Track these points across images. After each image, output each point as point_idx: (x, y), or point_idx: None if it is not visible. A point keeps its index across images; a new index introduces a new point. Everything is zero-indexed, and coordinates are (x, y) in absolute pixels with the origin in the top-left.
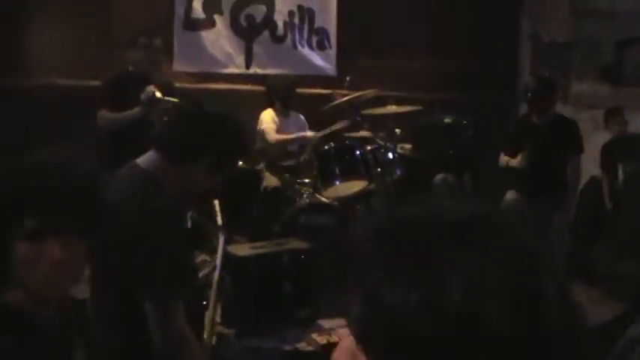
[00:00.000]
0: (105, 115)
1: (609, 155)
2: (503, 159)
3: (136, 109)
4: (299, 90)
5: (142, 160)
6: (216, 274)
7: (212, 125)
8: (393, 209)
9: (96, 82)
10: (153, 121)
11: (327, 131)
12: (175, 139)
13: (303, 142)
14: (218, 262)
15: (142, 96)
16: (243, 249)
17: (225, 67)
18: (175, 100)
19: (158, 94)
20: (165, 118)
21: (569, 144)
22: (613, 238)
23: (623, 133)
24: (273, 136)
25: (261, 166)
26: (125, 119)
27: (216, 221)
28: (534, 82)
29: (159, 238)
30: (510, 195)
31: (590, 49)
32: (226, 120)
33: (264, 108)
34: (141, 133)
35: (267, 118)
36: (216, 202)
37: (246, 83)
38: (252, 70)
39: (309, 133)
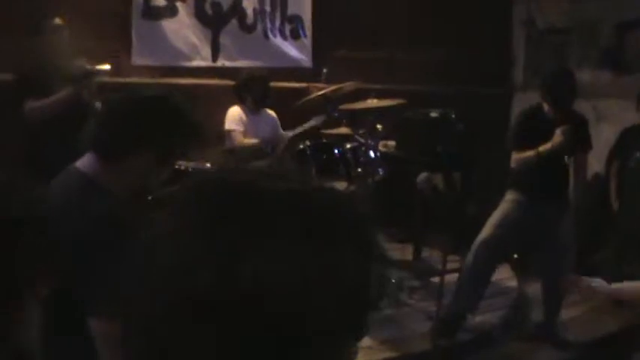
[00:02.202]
0: (32, 105)
1: (626, 143)
2: (519, 156)
3: (67, 90)
4: (272, 84)
5: (82, 163)
6: None
7: (146, 108)
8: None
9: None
10: (88, 103)
11: (300, 130)
12: (109, 134)
13: (275, 141)
14: None
15: (74, 71)
16: None
17: (190, 59)
18: (106, 67)
19: (90, 67)
20: (98, 118)
21: (579, 140)
22: (617, 239)
23: None
24: (239, 140)
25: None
26: (58, 102)
27: None
28: (557, 75)
29: (103, 252)
30: (511, 195)
31: (589, 34)
32: (163, 99)
33: (232, 104)
34: (76, 119)
35: (233, 117)
36: None
37: (213, 77)
38: (219, 63)
39: (281, 133)
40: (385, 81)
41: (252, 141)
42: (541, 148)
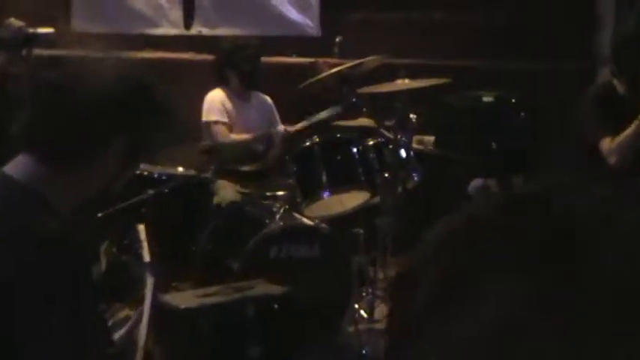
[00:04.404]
0: None
1: None
2: (607, 144)
3: None
4: (265, 59)
5: (14, 169)
6: (141, 336)
7: (109, 91)
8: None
9: None
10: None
11: (306, 124)
12: (56, 130)
13: (270, 137)
14: (145, 317)
15: (5, 34)
16: (186, 298)
17: (154, 25)
18: (49, 31)
19: (29, 30)
20: (31, 108)
21: None
22: None
23: None
24: (223, 135)
25: (210, 172)
26: None
27: (140, 256)
28: (629, 38)
29: (52, 291)
30: None
31: None
32: (129, 79)
33: (212, 87)
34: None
35: (214, 104)
36: (141, 229)
37: (185, 50)
38: (194, 31)
39: (281, 128)
40: (420, 54)
41: (240, 136)
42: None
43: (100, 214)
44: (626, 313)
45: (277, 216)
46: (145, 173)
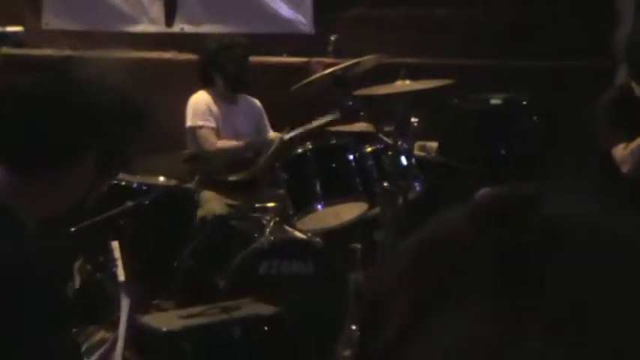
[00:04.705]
0: None
1: None
2: (620, 151)
3: None
4: (253, 59)
5: None
6: None
7: (81, 94)
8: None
9: None
10: None
11: (301, 130)
12: (26, 136)
13: (260, 144)
14: (120, 341)
15: None
16: (168, 320)
17: (132, 22)
18: (18, 29)
19: None
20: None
21: None
22: None
23: None
24: (210, 142)
25: (195, 182)
26: None
27: (115, 275)
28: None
29: (22, 313)
30: None
31: None
32: (97, 81)
33: (196, 89)
34: None
35: (200, 107)
36: (115, 245)
37: (166, 49)
38: (176, 28)
39: (272, 135)
40: (422, 52)
41: (229, 143)
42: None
43: (73, 229)
44: (590, 327)
45: (267, 229)
46: (123, 183)
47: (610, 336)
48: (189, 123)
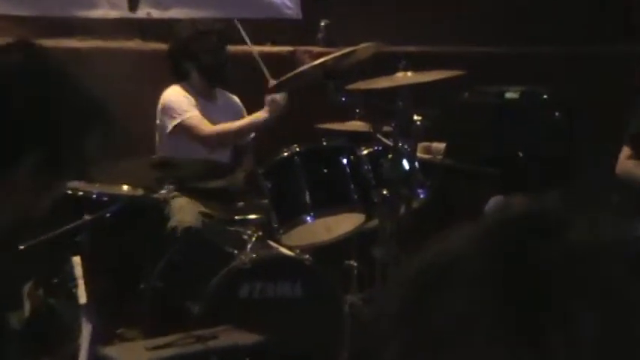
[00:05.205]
0: None
1: None
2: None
3: None
4: (232, 49)
5: None
6: None
7: (15, 94)
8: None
9: None
10: None
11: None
12: None
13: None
14: None
15: None
16: (133, 351)
17: (90, 7)
18: None
19: None
20: None
21: None
22: None
23: None
24: (206, 126)
25: (165, 191)
26: None
27: (74, 298)
28: None
29: None
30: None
31: None
32: (40, 75)
33: (166, 84)
34: None
35: (179, 100)
36: (77, 261)
37: (130, 37)
38: (141, 13)
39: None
40: (426, 39)
41: (228, 124)
42: None
43: (21, 247)
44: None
45: (248, 245)
46: (80, 194)
47: None
48: (174, 122)
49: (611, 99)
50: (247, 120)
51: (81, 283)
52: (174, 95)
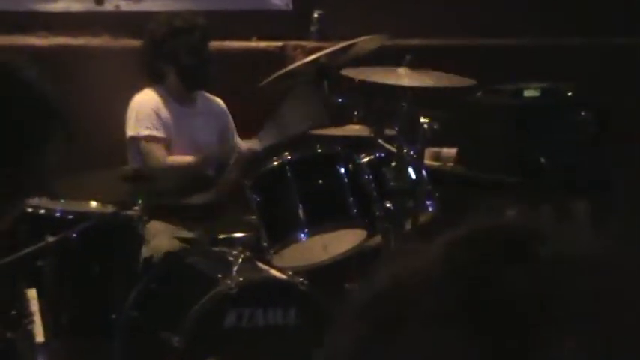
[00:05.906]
0: None
1: None
2: None
3: None
4: (214, 46)
5: None
6: None
7: None
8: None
9: None
10: None
11: (282, 140)
12: None
13: (224, 159)
14: None
15: None
16: None
17: None
18: None
19: None
20: None
21: None
22: None
23: None
24: (159, 157)
25: (139, 208)
26: None
27: (31, 334)
28: None
29: None
30: None
31: None
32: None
33: (139, 87)
34: None
35: (145, 111)
36: (32, 294)
37: (96, 33)
38: (109, 6)
39: (241, 144)
40: (433, 32)
41: (183, 158)
42: None
43: None
44: None
45: (234, 267)
46: (42, 212)
47: None
48: (130, 132)
49: None
50: (205, 156)
51: (37, 319)
52: (143, 106)
